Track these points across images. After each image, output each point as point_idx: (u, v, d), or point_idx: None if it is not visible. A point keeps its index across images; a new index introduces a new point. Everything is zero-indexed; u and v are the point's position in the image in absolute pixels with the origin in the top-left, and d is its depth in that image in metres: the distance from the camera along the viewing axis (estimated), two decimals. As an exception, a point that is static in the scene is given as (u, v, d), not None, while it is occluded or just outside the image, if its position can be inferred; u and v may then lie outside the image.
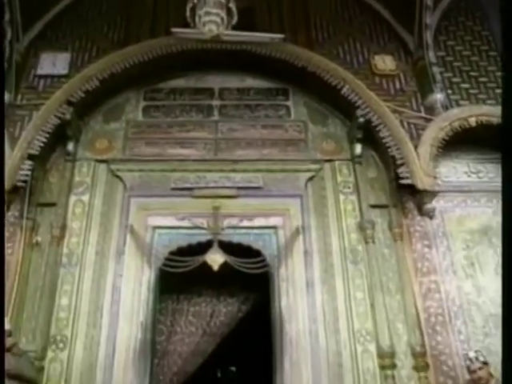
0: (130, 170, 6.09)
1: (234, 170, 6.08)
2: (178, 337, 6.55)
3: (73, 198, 5.93)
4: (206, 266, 5.50)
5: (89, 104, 6.31)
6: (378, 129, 5.90)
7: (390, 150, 5.79)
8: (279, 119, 6.50)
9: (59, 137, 6.05)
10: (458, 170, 6.23)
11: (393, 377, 5.11)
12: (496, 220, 5.92)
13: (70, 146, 6.13)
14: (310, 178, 6.11)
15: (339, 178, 6.13)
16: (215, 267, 5.48)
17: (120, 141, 6.30)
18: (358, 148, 6.17)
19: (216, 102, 6.59)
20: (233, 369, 10.57)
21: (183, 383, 6.59)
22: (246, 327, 7.03)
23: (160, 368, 6.34)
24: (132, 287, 5.50)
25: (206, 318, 6.68)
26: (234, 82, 6.72)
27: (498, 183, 6.11)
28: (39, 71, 6.46)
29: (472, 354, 4.62)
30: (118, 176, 6.07)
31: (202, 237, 5.76)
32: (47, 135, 5.75)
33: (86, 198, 5.95)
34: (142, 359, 5.24)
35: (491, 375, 4.58)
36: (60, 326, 5.29)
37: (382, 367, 5.14)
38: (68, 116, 5.91)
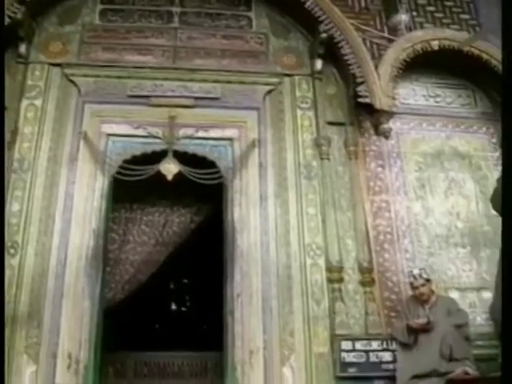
0: (85, 75, 5.86)
1: (191, 80, 5.93)
2: (130, 246, 6.63)
3: (25, 102, 5.69)
4: (160, 176, 5.44)
5: (42, 4, 5.97)
6: (339, 45, 5.80)
7: (350, 67, 5.72)
8: (240, 30, 6.31)
9: (10, 38, 5.70)
10: (417, 93, 6.28)
11: (339, 290, 5.25)
12: (449, 144, 6.07)
13: (22, 48, 5.81)
14: (269, 92, 6.02)
15: (298, 93, 6.04)
16: (169, 177, 5.41)
17: (75, 44, 6.02)
18: (319, 64, 6.06)
19: (176, 9, 6.31)
20: (185, 281, 10.84)
21: (135, 291, 6.71)
22: (199, 239, 7.11)
23: (112, 276, 6.41)
24: (85, 194, 5.41)
25: (159, 228, 6.75)
26: (195, -12, 6.47)
27: (454, 109, 6.30)
28: (-12, -33, 6.06)
29: (416, 272, 4.83)
30: (72, 81, 5.84)
31: (157, 146, 5.66)
32: (-3, 36, 5.47)
33: (38, 102, 5.71)
34: (93, 266, 5.22)
35: (432, 292, 4.82)
36: (11, 231, 5.14)
37: (330, 280, 5.26)
38: (19, 15, 5.54)
